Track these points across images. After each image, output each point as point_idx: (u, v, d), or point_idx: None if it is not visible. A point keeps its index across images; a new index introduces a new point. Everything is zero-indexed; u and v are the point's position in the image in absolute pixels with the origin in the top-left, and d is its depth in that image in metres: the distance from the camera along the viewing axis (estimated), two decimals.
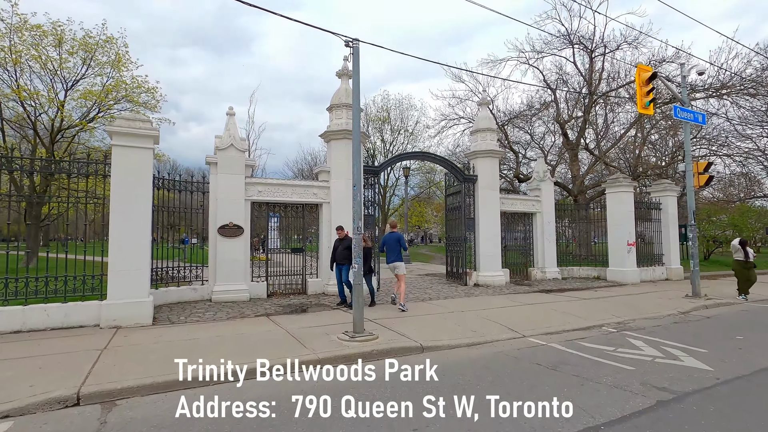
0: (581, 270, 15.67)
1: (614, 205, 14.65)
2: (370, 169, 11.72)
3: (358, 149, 6.70)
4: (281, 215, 11.28)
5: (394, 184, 31.72)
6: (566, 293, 11.64)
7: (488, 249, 13.18)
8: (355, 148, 6.71)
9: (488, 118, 13.70)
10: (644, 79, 9.95)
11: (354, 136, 6.82)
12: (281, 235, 11.80)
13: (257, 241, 16.41)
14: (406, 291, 11.57)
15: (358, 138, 6.76)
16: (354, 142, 6.78)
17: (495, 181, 13.53)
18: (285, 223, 11.14)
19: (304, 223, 11.06)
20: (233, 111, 10.23)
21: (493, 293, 11.46)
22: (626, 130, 18.75)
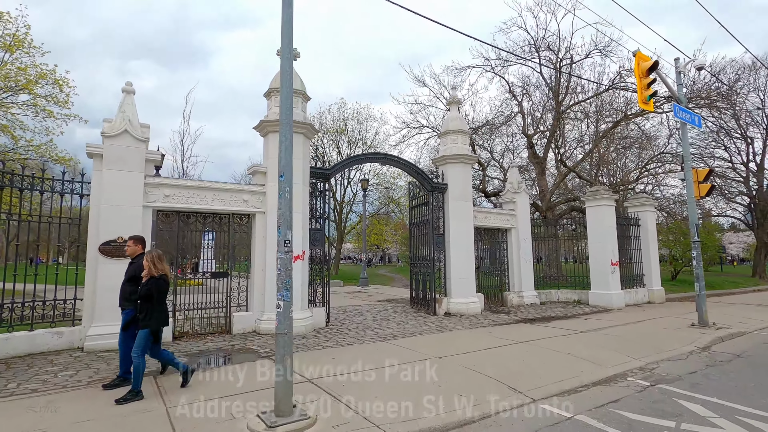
0: (560, 293, 14.00)
1: (595, 221, 13.19)
2: (319, 171, 9.41)
3: (288, 108, 4.39)
4: (216, 231, 8.66)
5: (351, 199, 29.46)
6: (553, 323, 9.74)
7: (461, 270, 11.14)
8: (284, 105, 4.40)
9: (459, 119, 11.88)
10: (644, 70, 8.47)
11: (282, 84, 4.51)
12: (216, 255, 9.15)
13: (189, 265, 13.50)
14: (365, 323, 9.22)
15: (289, 89, 4.46)
16: (282, 95, 4.46)
17: (468, 191, 11.63)
18: (219, 240, 8.52)
19: (230, 240, 8.48)
20: (132, 88, 7.64)
21: (470, 325, 9.33)
22: (598, 140, 17.78)
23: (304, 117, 8.88)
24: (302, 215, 8.64)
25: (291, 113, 4.39)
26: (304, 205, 8.76)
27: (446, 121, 12.07)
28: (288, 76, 4.47)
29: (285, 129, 4.30)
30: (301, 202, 8.65)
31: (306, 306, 8.71)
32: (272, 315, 8.13)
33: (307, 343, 7.38)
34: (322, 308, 9.09)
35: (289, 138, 4.29)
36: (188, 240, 8.23)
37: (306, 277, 8.78)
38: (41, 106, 16.37)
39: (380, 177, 29.78)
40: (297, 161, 8.43)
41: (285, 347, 3.99)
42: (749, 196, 26.59)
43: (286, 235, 4.09)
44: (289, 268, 4.10)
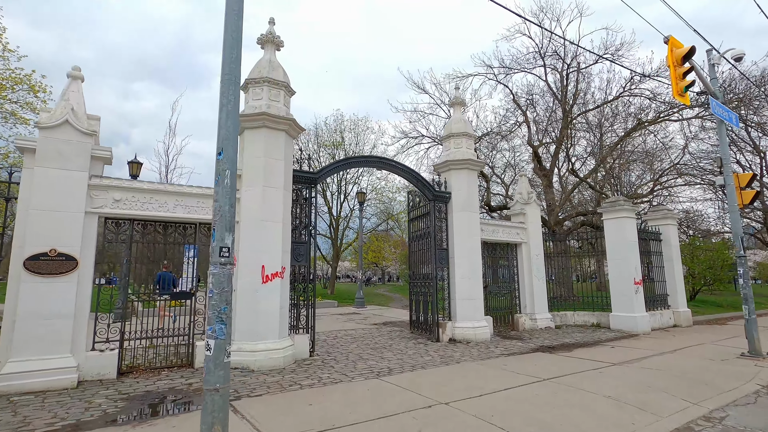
0: (576, 316, 12.59)
1: (614, 234, 11.89)
2: (304, 176, 8.17)
3: (232, 59, 3.16)
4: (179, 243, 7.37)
5: (348, 215, 28.21)
6: (576, 353, 8.34)
7: (467, 291, 9.78)
8: (227, 56, 3.17)
9: (463, 121, 10.73)
10: (678, 58, 7.34)
11: (226, 27, 3.28)
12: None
13: None
14: (356, 353, 7.81)
15: (235, 32, 3.23)
16: (225, 41, 3.23)
17: (474, 200, 10.37)
18: (182, 254, 7.21)
19: (195, 254, 7.16)
20: (80, 73, 6.46)
21: (479, 355, 7.93)
22: (612, 147, 16.62)
23: (286, 112, 7.70)
24: (283, 225, 7.36)
25: (237, 67, 3.15)
26: (285, 214, 7.49)
27: (449, 124, 10.91)
28: (234, 16, 3.25)
29: (227, 87, 3.06)
30: (282, 210, 7.38)
31: (285, 333, 7.33)
32: (244, 345, 6.76)
33: (282, 381, 5.99)
34: (305, 335, 7.72)
35: (233, 102, 3.05)
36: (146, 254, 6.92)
37: (286, 299, 7.44)
38: (9, 111, 15.25)
39: (378, 191, 28.62)
40: (277, 162, 7.23)
41: (216, 411, 2.63)
42: (764, 211, 25.38)
43: (223, 240, 2.82)
44: (226, 289, 2.80)
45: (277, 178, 7.39)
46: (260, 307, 6.90)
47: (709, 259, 19.72)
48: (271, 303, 7.00)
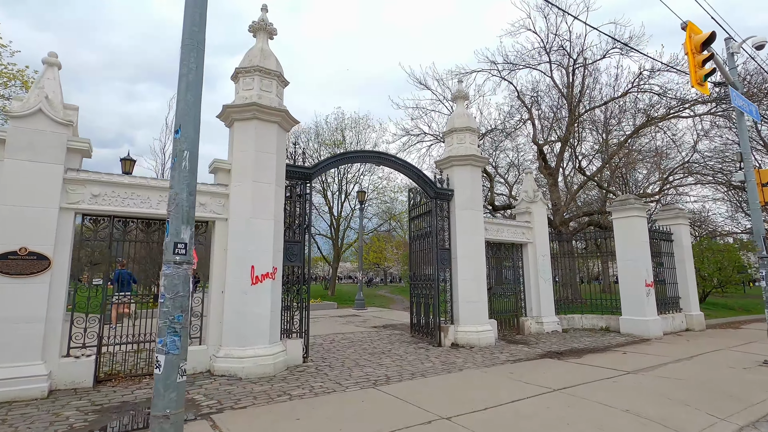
0: (584, 319, 12.09)
1: (624, 234, 11.39)
2: (298, 171, 7.73)
3: (193, 22, 2.71)
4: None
5: (349, 214, 27.78)
6: (586, 359, 7.86)
7: (471, 293, 9.32)
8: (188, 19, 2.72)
9: (466, 115, 10.27)
10: (697, 44, 6.85)
11: None
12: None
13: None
14: (353, 358, 7.35)
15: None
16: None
17: (477, 198, 9.91)
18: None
19: None
20: (56, 60, 6.05)
21: (483, 361, 7.46)
22: (621, 144, 16.09)
23: (279, 103, 7.26)
24: (275, 223, 6.92)
25: (201, 32, 2.70)
26: (277, 211, 7.05)
27: (452, 118, 10.45)
28: None
29: (188, 55, 2.61)
30: (274, 207, 6.94)
31: (277, 338, 6.89)
32: (232, 351, 6.33)
33: (270, 391, 5.54)
34: (299, 340, 7.27)
35: (194, 71, 2.60)
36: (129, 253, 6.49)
37: (278, 302, 7.00)
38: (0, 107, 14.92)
39: (380, 191, 28.19)
40: (269, 156, 6.80)
41: None
42: None
43: (179, 234, 2.40)
44: (182, 293, 2.35)
45: (268, 173, 6.95)
46: (249, 310, 6.46)
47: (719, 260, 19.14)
48: (261, 306, 6.56)
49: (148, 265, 6.84)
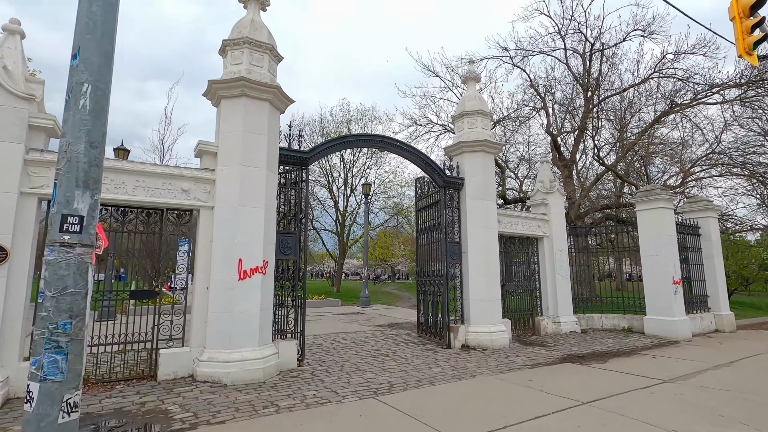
0: (604, 319, 11.27)
1: (649, 228, 10.52)
2: (294, 155, 7.01)
3: None
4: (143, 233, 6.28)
5: (355, 209, 27.09)
6: (612, 364, 7.07)
7: (483, 290, 8.56)
8: None
9: (477, 98, 9.48)
10: (746, 7, 5.99)
11: None
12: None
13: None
14: (354, 361, 6.60)
15: None
16: None
17: (490, 187, 9.12)
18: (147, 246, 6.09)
19: (160, 243, 6.06)
20: (19, 27, 5.39)
21: (498, 366, 6.71)
22: (644, 130, 15.10)
23: (271, 79, 6.54)
24: (265, 211, 6.22)
25: None
26: (269, 198, 6.35)
27: (462, 101, 9.66)
28: None
29: None
30: (265, 194, 6.24)
31: (268, 339, 6.20)
32: (216, 353, 5.66)
33: (256, 401, 4.85)
34: (293, 341, 6.57)
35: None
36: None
37: (269, 299, 6.31)
38: None
39: (386, 185, 27.45)
40: (259, 137, 6.11)
41: None
42: None
43: (70, 202, 1.64)
44: (73, 290, 1.64)
45: (258, 156, 6.25)
46: (236, 308, 5.78)
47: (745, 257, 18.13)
48: (250, 303, 5.88)
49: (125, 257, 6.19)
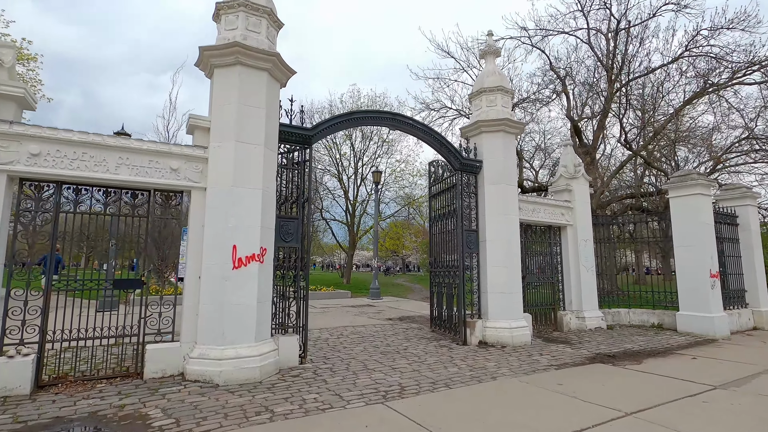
0: (631, 314, 10.49)
1: (684, 216, 9.66)
2: (295, 132, 6.37)
3: None
4: (127, 216, 5.72)
5: (365, 200, 26.45)
6: (648, 364, 6.34)
7: (502, 282, 7.86)
8: None
9: (497, 73, 8.69)
10: None
11: None
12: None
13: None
14: (362, 359, 5.94)
15: None
16: None
17: (511, 171, 8.38)
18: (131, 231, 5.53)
19: (148, 230, 5.49)
20: None
21: (521, 367, 6.04)
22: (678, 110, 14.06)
23: (269, 46, 5.88)
24: (263, 193, 5.61)
25: None
26: (267, 179, 5.73)
27: (480, 77, 8.88)
28: None
29: None
30: (263, 174, 5.62)
31: (267, 334, 5.62)
32: (208, 350, 5.10)
33: (249, 405, 4.27)
34: (294, 337, 5.98)
35: None
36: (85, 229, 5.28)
37: (268, 290, 5.71)
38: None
39: (398, 174, 26.73)
40: (256, 111, 5.48)
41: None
42: None
43: None
44: None
45: (255, 132, 5.62)
46: (230, 300, 5.20)
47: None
48: (245, 295, 5.29)
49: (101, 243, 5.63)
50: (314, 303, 14.84)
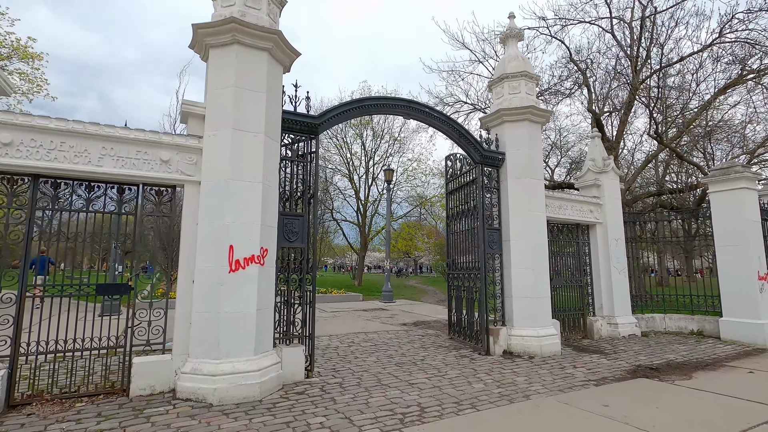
0: (667, 320, 9.64)
1: (726, 212, 8.80)
2: (300, 121, 5.76)
3: None
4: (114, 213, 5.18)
5: (377, 199, 25.82)
6: (699, 379, 5.57)
7: (529, 286, 7.15)
8: None
9: (520, 58, 7.98)
10: None
11: None
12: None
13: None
14: (375, 371, 5.27)
15: None
16: None
17: (537, 163, 7.66)
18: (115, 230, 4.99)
19: (135, 228, 4.92)
20: None
21: (555, 383, 5.32)
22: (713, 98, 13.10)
23: (270, 23, 5.29)
24: (264, 187, 5.01)
25: None
26: (268, 172, 5.14)
27: (502, 62, 8.18)
28: None
29: None
30: (263, 166, 5.02)
31: (269, 345, 5.01)
32: (201, 364, 4.51)
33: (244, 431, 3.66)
34: (299, 348, 5.36)
35: None
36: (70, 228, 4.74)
37: (270, 295, 5.11)
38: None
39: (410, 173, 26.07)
40: (256, 96, 4.91)
41: None
42: None
43: None
44: None
45: (255, 119, 5.03)
46: (226, 307, 4.60)
47: None
48: (243, 301, 4.69)
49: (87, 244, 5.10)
50: (324, 307, 14.26)
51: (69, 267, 5.11)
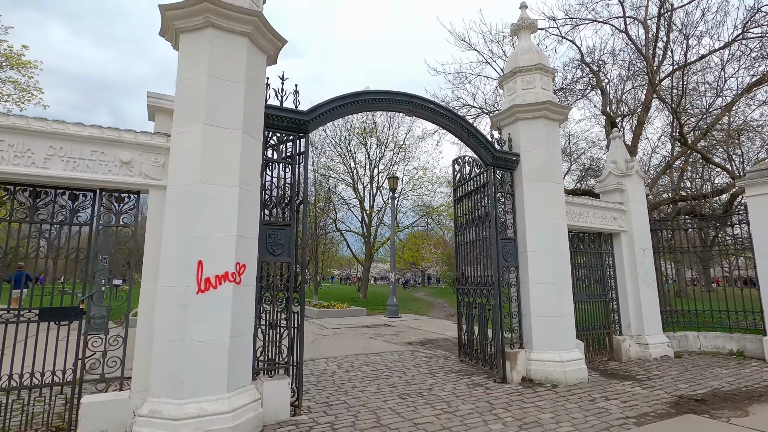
0: (702, 338, 8.69)
1: (766, 218, 7.92)
2: (287, 117, 5.05)
3: None
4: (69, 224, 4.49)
5: (382, 208, 25.08)
6: (757, 416, 4.68)
7: (550, 303, 6.30)
8: None
9: (534, 50, 7.26)
10: None
11: None
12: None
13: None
14: (373, 406, 4.38)
15: None
16: None
17: (556, 165, 6.86)
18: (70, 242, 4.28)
19: (90, 241, 4.21)
20: None
21: (587, 421, 4.46)
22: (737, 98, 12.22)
23: (250, 4, 4.62)
24: (241, 192, 4.28)
25: None
26: (246, 175, 4.41)
27: (514, 56, 7.45)
28: None
29: None
30: (239, 167, 4.30)
31: (245, 380, 4.23)
32: (162, 405, 3.74)
33: None
34: (284, 380, 4.56)
35: None
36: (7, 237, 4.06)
37: (248, 319, 4.34)
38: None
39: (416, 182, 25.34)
40: (233, 86, 4.21)
41: None
42: None
43: None
44: None
45: (231, 113, 4.33)
46: (192, 335, 3.84)
47: None
48: (214, 328, 3.93)
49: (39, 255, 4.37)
50: (325, 323, 13.45)
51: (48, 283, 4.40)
